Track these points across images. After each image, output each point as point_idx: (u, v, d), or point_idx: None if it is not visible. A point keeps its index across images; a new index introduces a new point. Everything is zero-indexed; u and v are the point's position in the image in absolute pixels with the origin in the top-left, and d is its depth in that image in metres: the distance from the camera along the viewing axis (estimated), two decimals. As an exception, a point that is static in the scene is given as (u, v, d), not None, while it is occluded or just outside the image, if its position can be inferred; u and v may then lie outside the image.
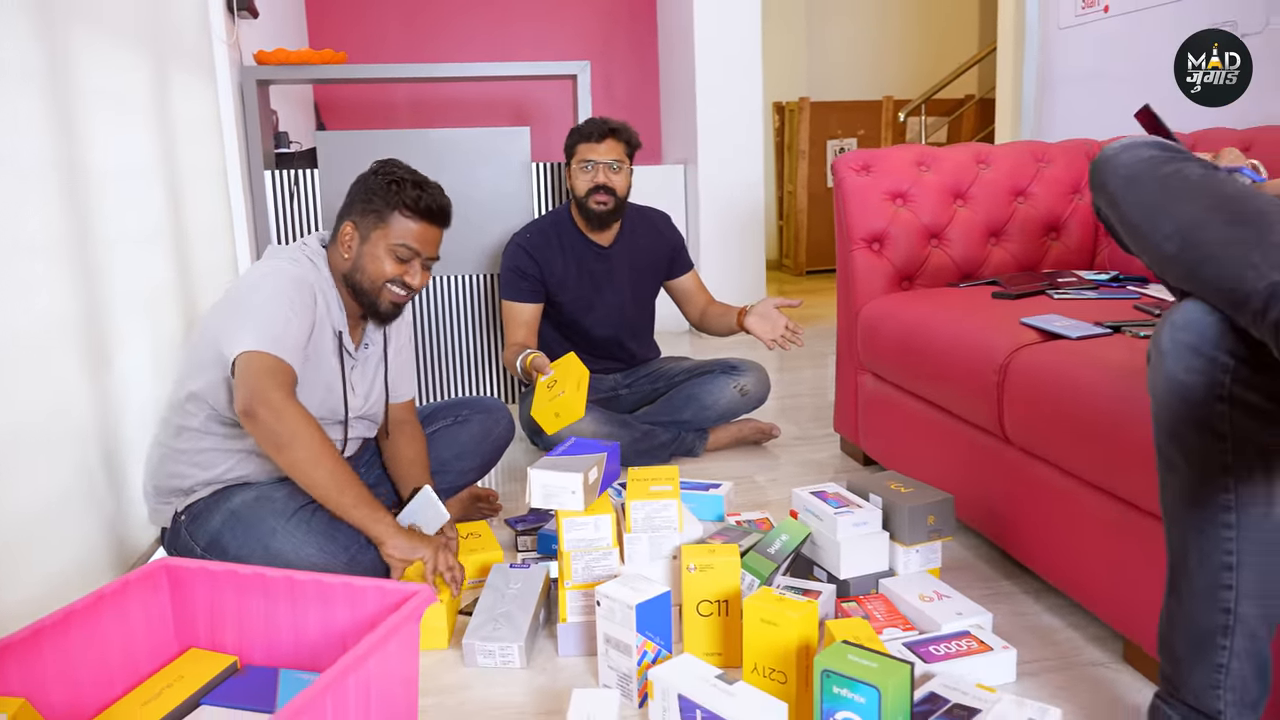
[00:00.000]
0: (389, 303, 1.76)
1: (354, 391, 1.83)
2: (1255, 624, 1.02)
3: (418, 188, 1.73)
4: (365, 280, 1.74)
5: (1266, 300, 0.92)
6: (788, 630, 1.28)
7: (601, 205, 2.46)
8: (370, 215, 1.73)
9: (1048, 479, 1.58)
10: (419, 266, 1.76)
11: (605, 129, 2.46)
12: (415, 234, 1.73)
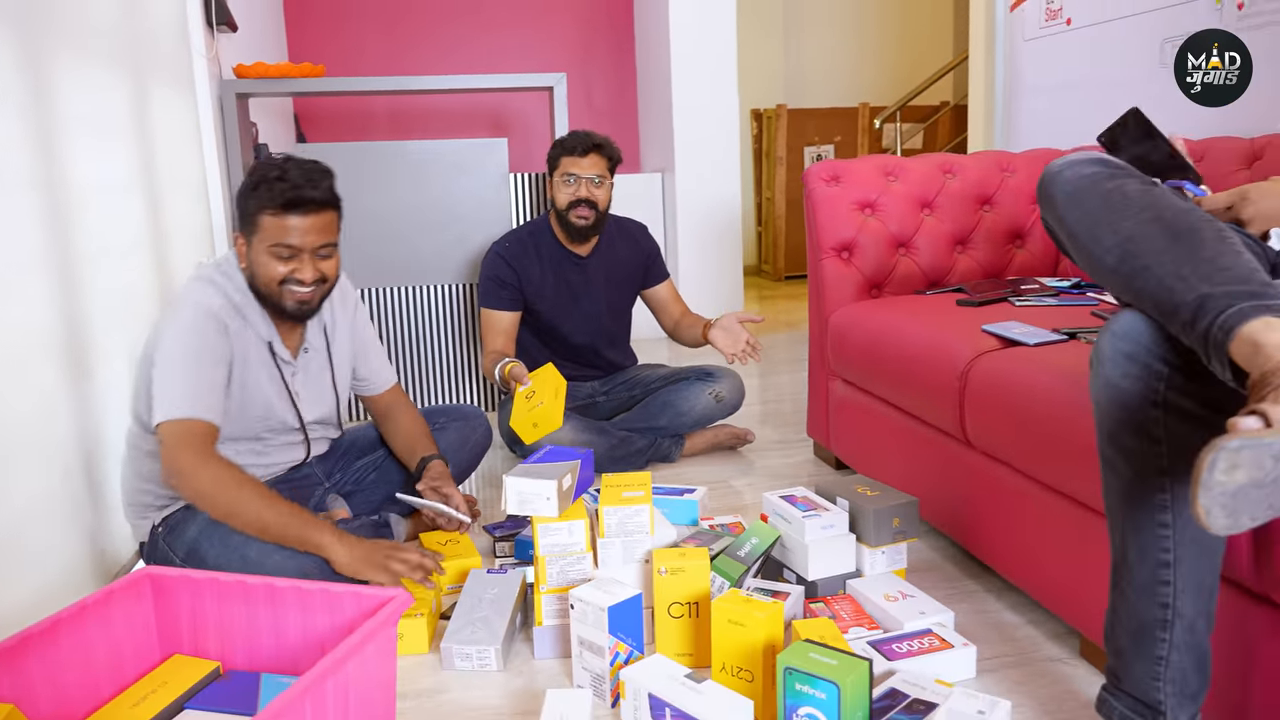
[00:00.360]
0: (294, 302, 1.74)
1: (300, 398, 1.85)
2: (1193, 618, 1.07)
3: (279, 181, 1.66)
4: (262, 286, 1.73)
5: (1195, 311, 0.98)
6: (754, 630, 1.33)
7: (583, 220, 2.50)
8: (247, 223, 1.71)
9: (1007, 481, 1.63)
10: (308, 259, 1.71)
11: (589, 144, 2.50)
12: (287, 229, 1.67)
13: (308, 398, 1.88)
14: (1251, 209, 1.30)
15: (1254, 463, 0.77)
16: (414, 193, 3.04)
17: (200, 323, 1.67)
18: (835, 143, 6.46)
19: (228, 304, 1.73)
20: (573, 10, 5.50)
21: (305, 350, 1.88)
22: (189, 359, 1.64)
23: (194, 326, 1.66)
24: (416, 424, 2.04)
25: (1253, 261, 1.01)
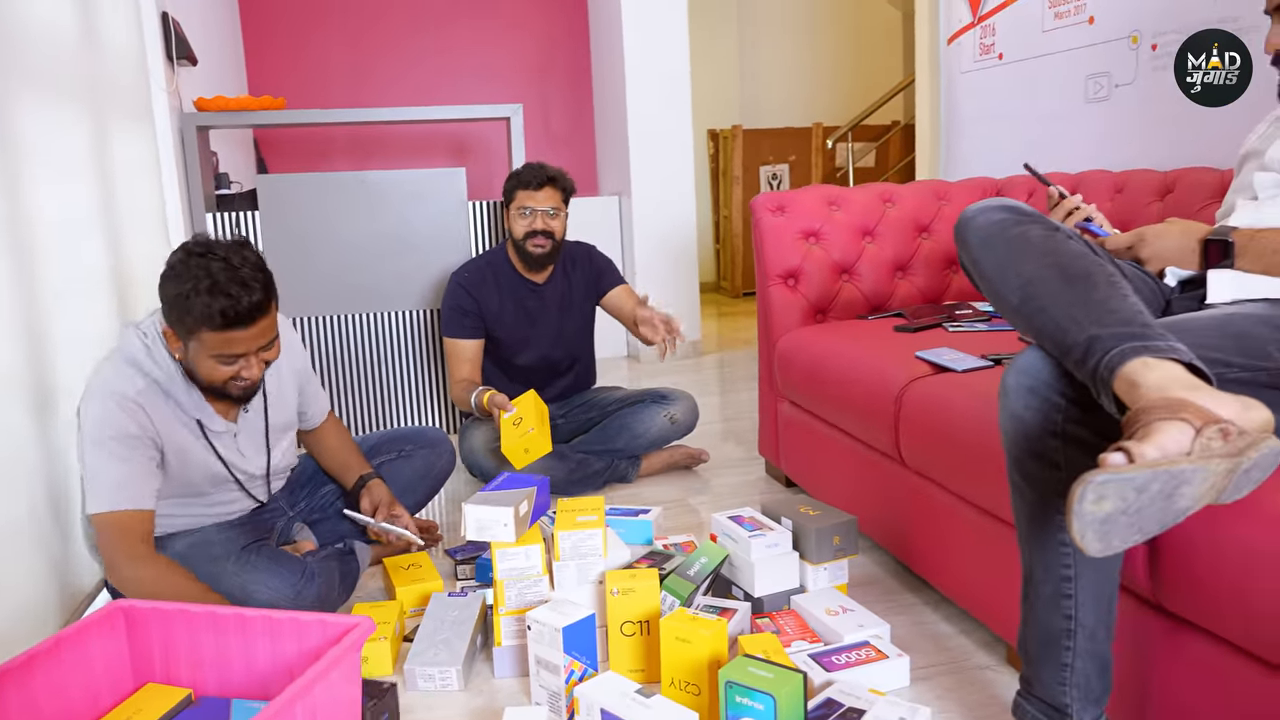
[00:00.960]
0: (239, 391, 1.72)
1: (243, 455, 1.84)
2: (1094, 627, 1.17)
3: (216, 293, 1.57)
4: (204, 382, 1.70)
5: (1085, 350, 1.08)
6: (700, 647, 1.41)
7: (539, 248, 2.59)
8: (183, 331, 1.64)
9: (939, 500, 1.73)
10: (254, 359, 1.69)
11: (544, 177, 2.59)
12: (231, 342, 1.63)
13: (251, 454, 1.87)
14: (1148, 250, 1.42)
15: (1118, 495, 0.87)
16: (374, 221, 3.11)
17: (116, 412, 1.64)
18: (790, 162, 6.61)
19: (149, 385, 1.69)
20: (530, 36, 5.59)
21: (245, 411, 1.86)
22: (111, 449, 1.63)
23: (110, 416, 1.64)
24: (346, 442, 2.10)
25: (1138, 305, 1.11)
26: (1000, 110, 2.83)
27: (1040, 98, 2.64)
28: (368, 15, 5.31)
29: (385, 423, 3.25)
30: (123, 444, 1.65)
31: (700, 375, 4.25)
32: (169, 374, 1.72)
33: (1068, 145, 2.52)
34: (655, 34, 4.39)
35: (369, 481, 2.04)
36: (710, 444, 3.02)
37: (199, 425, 1.77)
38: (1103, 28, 2.38)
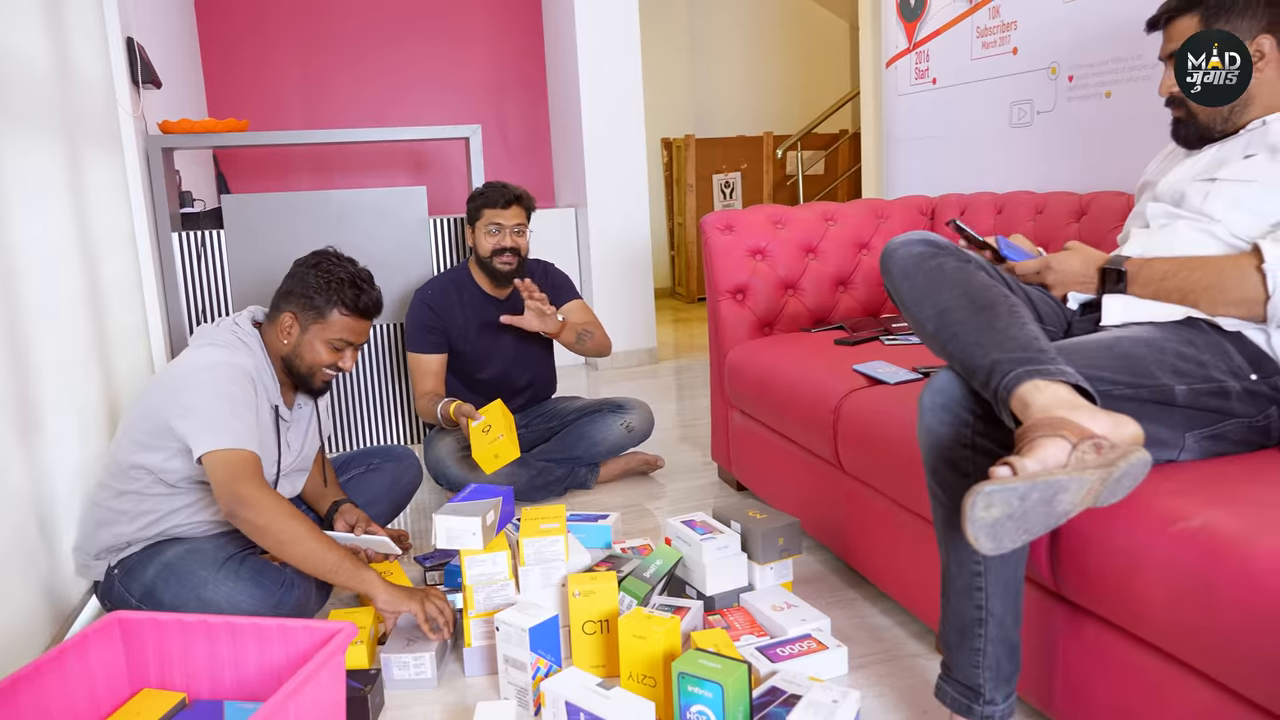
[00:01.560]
0: (322, 382, 2.00)
1: (289, 448, 2.04)
2: (1002, 616, 1.32)
3: (355, 287, 1.96)
4: (303, 366, 1.96)
5: (988, 373, 1.23)
6: (655, 643, 1.54)
7: (506, 265, 2.71)
8: (310, 310, 1.95)
9: (874, 503, 1.89)
10: (351, 353, 2.00)
11: (510, 196, 2.71)
12: (352, 329, 1.96)
13: (295, 447, 2.07)
14: (1053, 276, 1.58)
15: (1004, 502, 1.02)
16: (337, 238, 3.19)
17: (239, 377, 1.85)
18: (742, 170, 6.78)
19: (259, 364, 1.95)
20: (486, 51, 5.67)
21: (299, 405, 2.10)
22: (233, 403, 1.81)
23: (234, 379, 1.84)
24: (327, 473, 2.24)
25: (1035, 332, 1.27)
26: (935, 131, 3.00)
27: (970, 121, 2.81)
28: (324, 34, 5.36)
29: (351, 433, 3.34)
30: (241, 402, 1.82)
31: (657, 382, 4.38)
32: (260, 362, 1.96)
33: (995, 167, 2.69)
34: (608, 48, 4.50)
35: (341, 506, 2.15)
36: (666, 449, 3.15)
37: (275, 411, 1.98)
38: (1025, 58, 2.56)
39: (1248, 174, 1.45)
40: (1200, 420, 1.33)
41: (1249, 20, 1.47)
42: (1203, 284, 1.40)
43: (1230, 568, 1.07)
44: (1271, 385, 1.36)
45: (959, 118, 2.87)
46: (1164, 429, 1.31)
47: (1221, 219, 1.46)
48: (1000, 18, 2.63)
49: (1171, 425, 1.31)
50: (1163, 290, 1.45)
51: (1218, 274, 1.39)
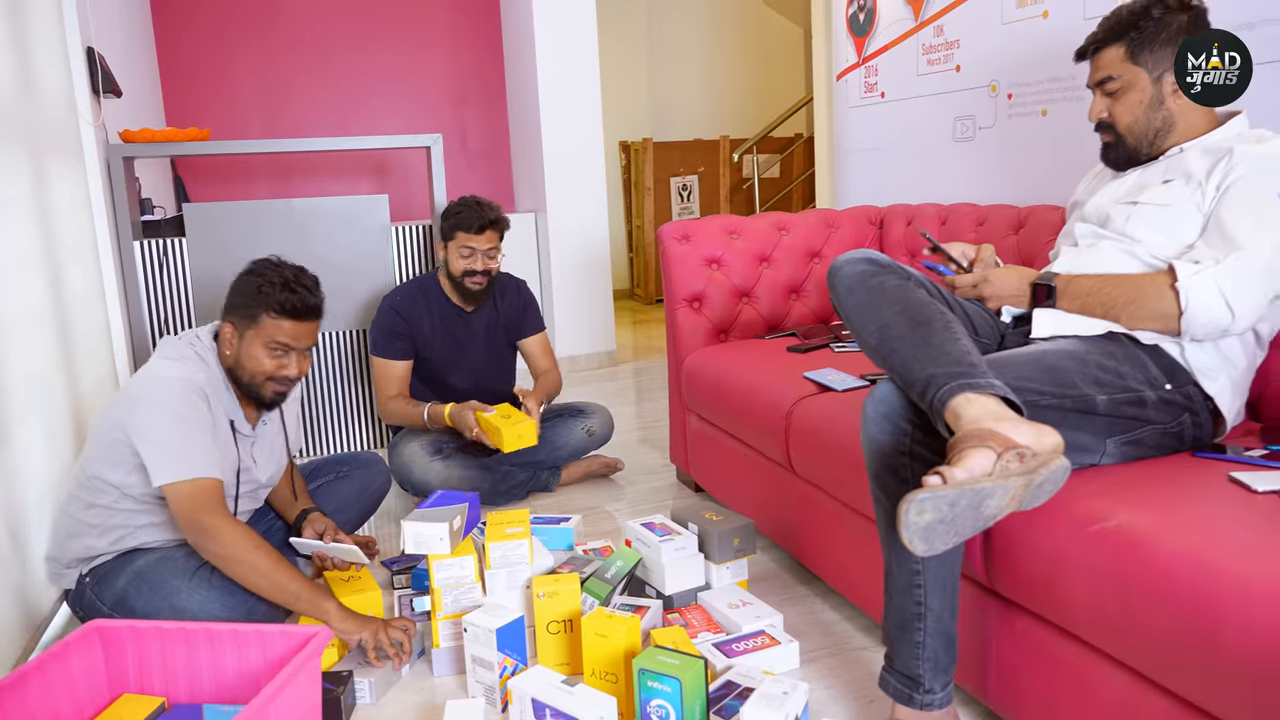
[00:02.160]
0: (272, 393, 1.98)
1: (256, 464, 2.06)
2: (940, 611, 1.42)
3: (286, 289, 1.91)
4: (245, 375, 1.95)
5: (924, 386, 1.33)
6: (616, 641, 1.62)
7: (477, 285, 2.76)
8: (245, 318, 1.93)
9: (824, 504, 1.98)
10: (295, 358, 1.96)
11: (485, 221, 2.73)
12: (286, 331, 1.92)
13: (262, 462, 2.08)
14: (989, 289, 1.68)
15: (935, 508, 1.11)
16: (300, 246, 3.23)
17: (190, 395, 1.86)
18: (699, 173, 6.88)
19: (209, 378, 1.94)
20: (446, 56, 5.68)
21: (264, 422, 2.10)
22: (188, 425, 1.82)
23: (185, 397, 1.84)
24: (295, 482, 2.27)
25: (968, 346, 1.36)
26: (884, 144, 3.11)
27: (917, 135, 2.92)
28: (282, 40, 5.34)
29: (316, 438, 3.38)
30: (195, 423, 1.83)
31: (616, 384, 4.46)
32: (217, 377, 1.96)
33: (941, 179, 2.81)
34: (567, 53, 4.56)
35: (310, 514, 2.19)
36: (626, 451, 3.23)
37: (231, 425, 1.98)
38: (968, 76, 2.68)
39: (1165, 199, 1.56)
40: (1120, 427, 1.44)
41: (1169, 51, 1.58)
42: (1123, 300, 1.52)
43: (1141, 564, 1.17)
44: (1184, 394, 1.47)
45: (906, 131, 2.98)
46: (1086, 435, 1.42)
47: (1142, 240, 1.57)
48: (944, 36, 2.74)
49: (1093, 432, 1.42)
50: (1088, 305, 1.56)
51: (1137, 290, 1.51)
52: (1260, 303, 1.43)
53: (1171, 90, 1.59)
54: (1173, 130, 1.62)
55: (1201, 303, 1.42)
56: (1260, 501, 1.24)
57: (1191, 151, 1.58)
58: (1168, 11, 1.57)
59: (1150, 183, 1.61)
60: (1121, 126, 1.64)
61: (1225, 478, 1.32)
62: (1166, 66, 1.58)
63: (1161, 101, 1.59)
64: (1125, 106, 1.62)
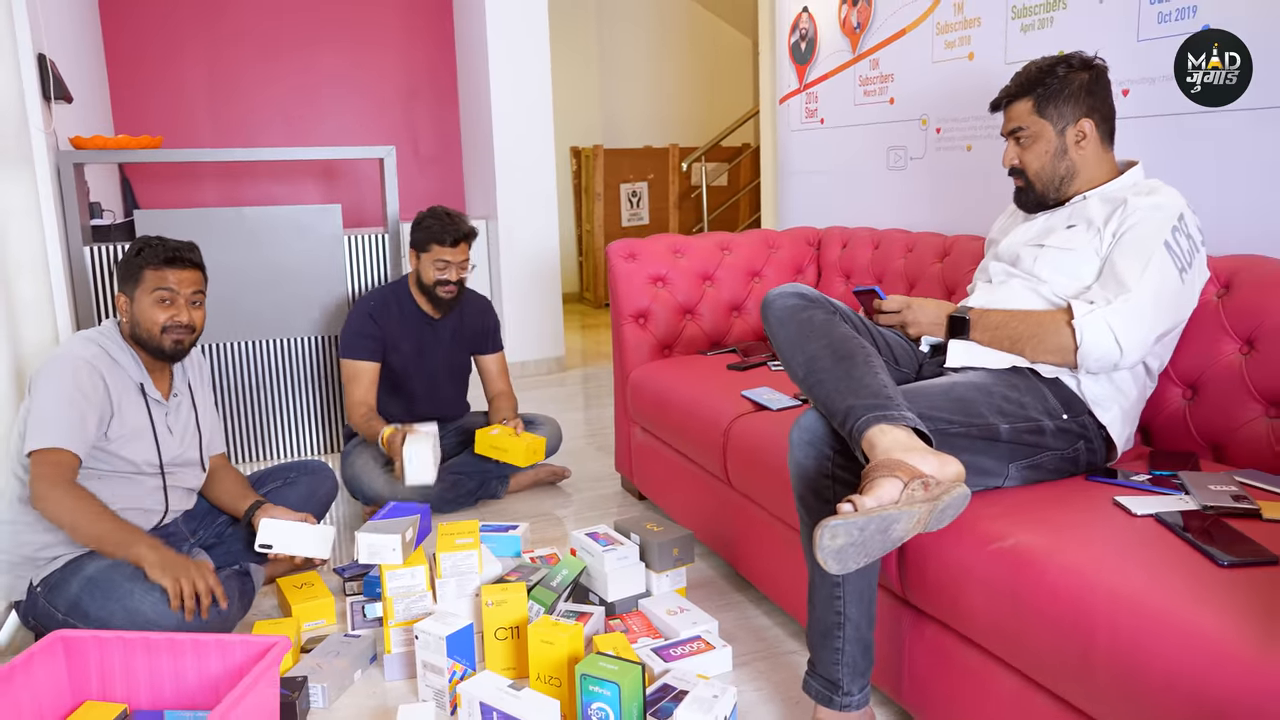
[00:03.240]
0: (171, 343, 2.09)
1: (170, 434, 2.15)
2: (858, 620, 1.55)
3: (157, 243, 2.09)
4: (144, 332, 2.07)
5: (844, 416, 1.45)
6: (560, 647, 1.73)
7: (448, 294, 2.85)
8: (131, 281, 2.08)
9: (758, 516, 2.11)
10: (184, 304, 2.09)
11: (459, 234, 2.82)
12: (165, 279, 2.06)
13: (179, 436, 2.18)
14: (910, 315, 1.80)
15: (846, 533, 1.24)
16: (251, 254, 3.28)
17: (75, 369, 1.97)
18: (648, 180, 6.99)
19: (101, 353, 2.04)
20: (398, 60, 5.69)
21: (175, 395, 2.20)
22: (62, 398, 1.94)
23: (68, 372, 1.96)
24: (239, 481, 2.36)
25: (885, 380, 1.49)
26: (823, 167, 3.25)
27: (853, 161, 3.07)
28: (231, 43, 5.30)
29: (268, 443, 3.42)
30: (73, 397, 1.94)
31: (565, 390, 4.56)
32: (118, 345, 2.09)
33: (876, 205, 2.96)
34: (519, 59, 4.63)
35: (260, 507, 2.26)
36: (574, 458, 3.34)
37: (141, 390, 2.09)
38: (900, 108, 2.82)
39: (1069, 243, 1.71)
40: (1021, 453, 1.58)
41: (1072, 106, 1.73)
42: (1027, 334, 1.66)
43: (1031, 579, 1.31)
44: (1080, 423, 1.62)
45: (844, 157, 3.12)
46: (991, 460, 1.56)
47: (1047, 280, 1.72)
48: (879, 69, 2.88)
49: (997, 457, 1.56)
50: (997, 337, 1.70)
51: (1038, 326, 1.65)
52: (1147, 339, 1.58)
53: (1075, 141, 1.74)
54: (1075, 177, 1.77)
55: (1094, 339, 1.57)
56: (1138, 524, 1.38)
57: (1093, 199, 1.73)
58: (1071, 70, 1.72)
59: (1056, 227, 1.76)
60: (1030, 173, 1.79)
61: (1110, 502, 1.47)
62: (1070, 120, 1.73)
63: (1065, 151, 1.75)
64: (1034, 155, 1.77)
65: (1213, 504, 1.40)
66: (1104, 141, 1.75)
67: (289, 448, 3.47)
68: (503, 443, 2.77)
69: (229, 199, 5.26)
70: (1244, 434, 1.67)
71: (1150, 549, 1.29)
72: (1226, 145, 1.88)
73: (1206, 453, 1.75)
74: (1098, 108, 1.74)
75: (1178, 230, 1.61)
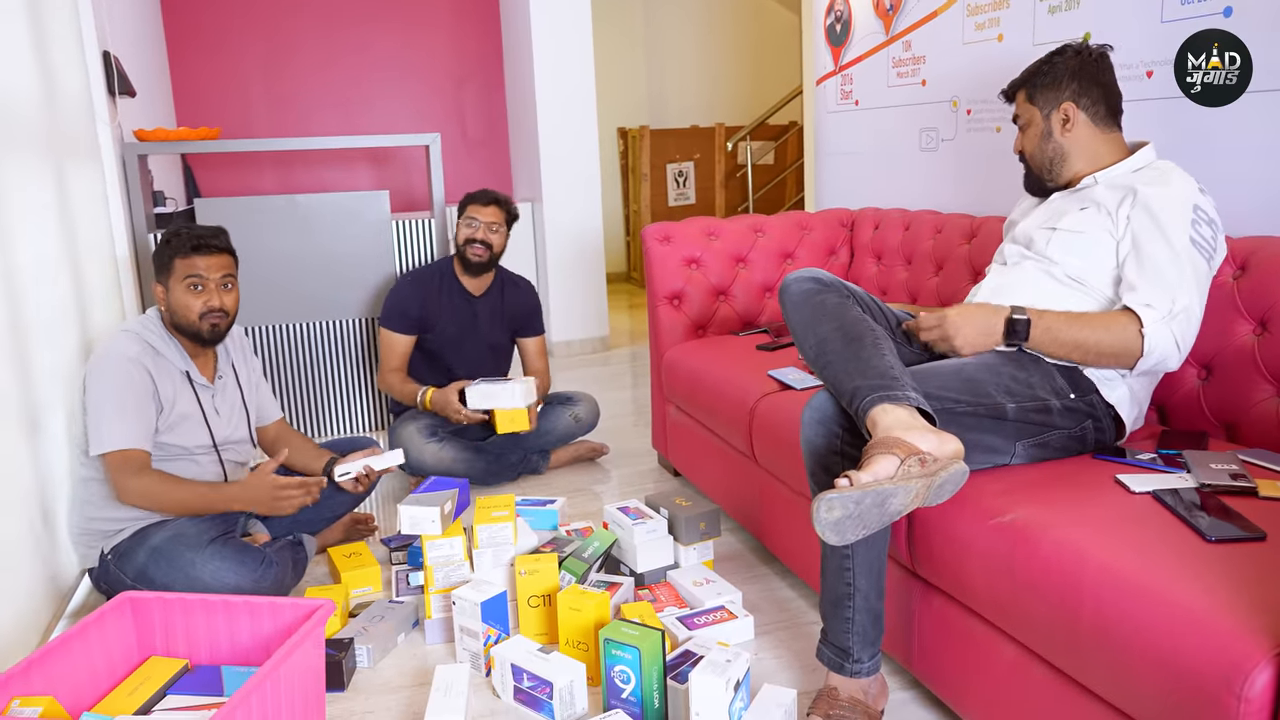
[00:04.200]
0: (208, 327, 2.19)
1: (218, 415, 2.29)
2: (867, 590, 1.61)
3: (184, 232, 2.18)
4: (182, 320, 2.18)
5: (851, 396, 1.52)
6: (587, 614, 1.83)
7: (477, 256, 2.97)
8: (164, 271, 2.19)
9: (782, 492, 2.18)
10: (214, 288, 2.18)
11: (491, 197, 3.01)
12: (196, 265, 2.16)
13: (226, 416, 2.31)
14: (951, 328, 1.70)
15: (842, 506, 1.30)
16: (303, 240, 3.42)
17: (123, 367, 2.10)
18: (695, 160, 7.03)
19: (145, 348, 2.16)
20: (448, 46, 5.80)
21: (220, 377, 2.33)
22: (119, 399, 2.08)
23: (118, 371, 2.10)
24: (308, 442, 2.51)
25: (892, 361, 1.55)
26: (857, 149, 3.27)
27: (887, 143, 3.09)
28: (285, 28, 5.45)
29: (318, 419, 3.58)
30: (126, 396, 2.08)
31: (609, 369, 4.65)
32: (160, 337, 2.20)
33: (908, 186, 2.98)
34: (563, 42, 4.70)
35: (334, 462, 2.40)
36: (615, 435, 3.43)
37: (188, 377, 2.22)
38: (932, 90, 2.84)
39: (1080, 225, 1.74)
40: (1028, 431, 1.63)
41: (1056, 91, 1.80)
42: (1091, 339, 1.63)
43: (1026, 553, 1.37)
44: (1087, 403, 1.66)
45: (877, 139, 3.15)
46: (998, 438, 1.61)
47: (1059, 262, 1.76)
48: (912, 51, 2.90)
49: (1004, 435, 1.61)
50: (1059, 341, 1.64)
51: (1104, 330, 1.62)
52: (1193, 342, 1.62)
53: (1060, 124, 1.79)
54: (1067, 160, 1.82)
55: (1163, 350, 1.60)
56: (1135, 501, 1.43)
57: (1102, 183, 1.76)
58: (1061, 57, 1.80)
59: (1069, 210, 1.79)
60: (1027, 156, 1.89)
61: (1112, 480, 1.51)
62: (1054, 105, 1.79)
63: (1051, 134, 1.81)
64: (1028, 140, 1.87)
65: (1210, 482, 1.44)
66: (1099, 124, 1.79)
67: (340, 424, 3.62)
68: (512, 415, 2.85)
69: (284, 183, 5.45)
70: (1255, 414, 1.70)
71: (1143, 525, 1.34)
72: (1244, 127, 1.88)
73: (1219, 432, 1.77)
74: (1085, 91, 1.78)
75: (1196, 221, 1.64)
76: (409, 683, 1.89)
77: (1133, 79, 2.05)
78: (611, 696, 1.69)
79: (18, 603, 1.91)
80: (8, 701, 1.40)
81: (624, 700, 1.67)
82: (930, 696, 1.77)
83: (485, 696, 1.83)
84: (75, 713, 1.52)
